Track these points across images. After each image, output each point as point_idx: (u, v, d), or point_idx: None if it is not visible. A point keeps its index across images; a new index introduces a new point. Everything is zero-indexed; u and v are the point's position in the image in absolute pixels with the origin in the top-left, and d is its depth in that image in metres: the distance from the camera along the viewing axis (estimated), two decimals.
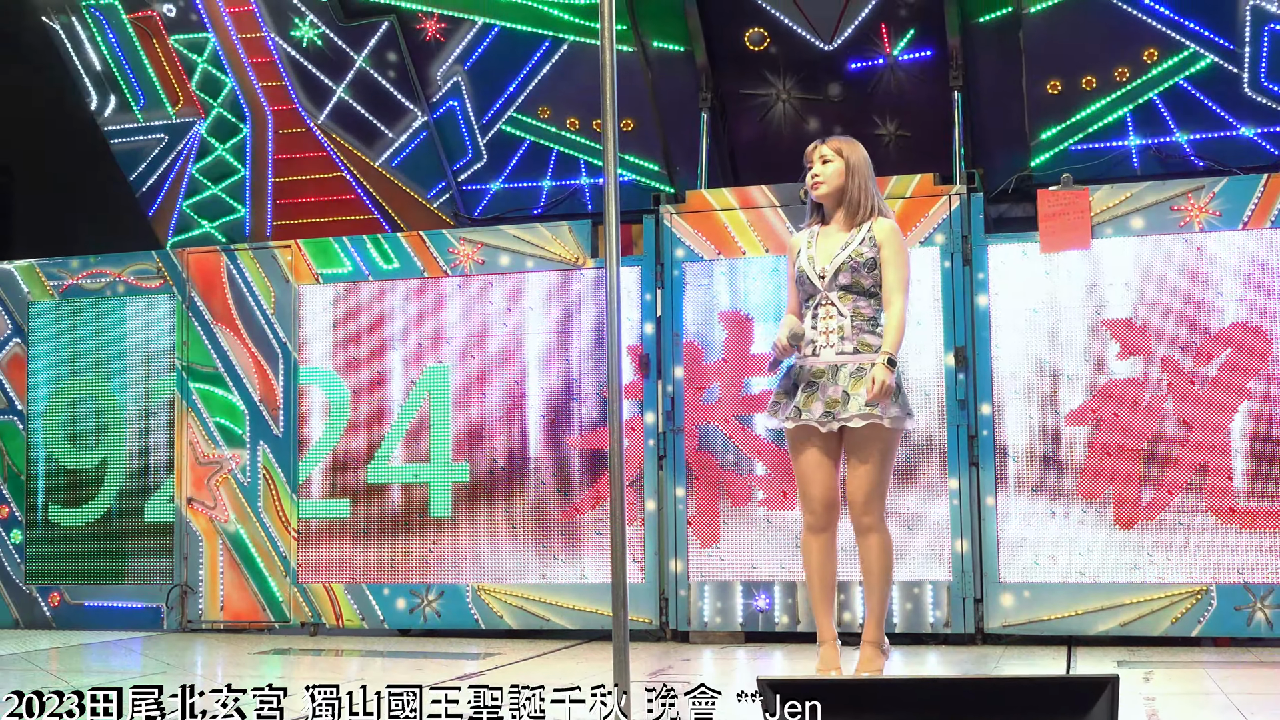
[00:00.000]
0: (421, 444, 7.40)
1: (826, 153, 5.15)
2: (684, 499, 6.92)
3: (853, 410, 4.93)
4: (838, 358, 5.01)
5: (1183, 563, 6.39)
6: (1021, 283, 6.66)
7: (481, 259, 7.39)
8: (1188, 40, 7.45)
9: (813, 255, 5.13)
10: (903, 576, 6.61)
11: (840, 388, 4.97)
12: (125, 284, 7.97)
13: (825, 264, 5.09)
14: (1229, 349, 6.39)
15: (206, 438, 7.72)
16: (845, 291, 5.06)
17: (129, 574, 7.84)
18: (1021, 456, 6.59)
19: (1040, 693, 2.95)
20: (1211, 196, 6.48)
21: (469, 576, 7.27)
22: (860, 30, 7.76)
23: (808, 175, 5.19)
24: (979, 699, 2.93)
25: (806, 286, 5.12)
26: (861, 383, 4.95)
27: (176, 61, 8.91)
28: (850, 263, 5.05)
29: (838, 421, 4.97)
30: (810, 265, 5.11)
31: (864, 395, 4.93)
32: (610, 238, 4.17)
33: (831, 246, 5.12)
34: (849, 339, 5.01)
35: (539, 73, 8.33)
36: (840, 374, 4.99)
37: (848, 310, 5.04)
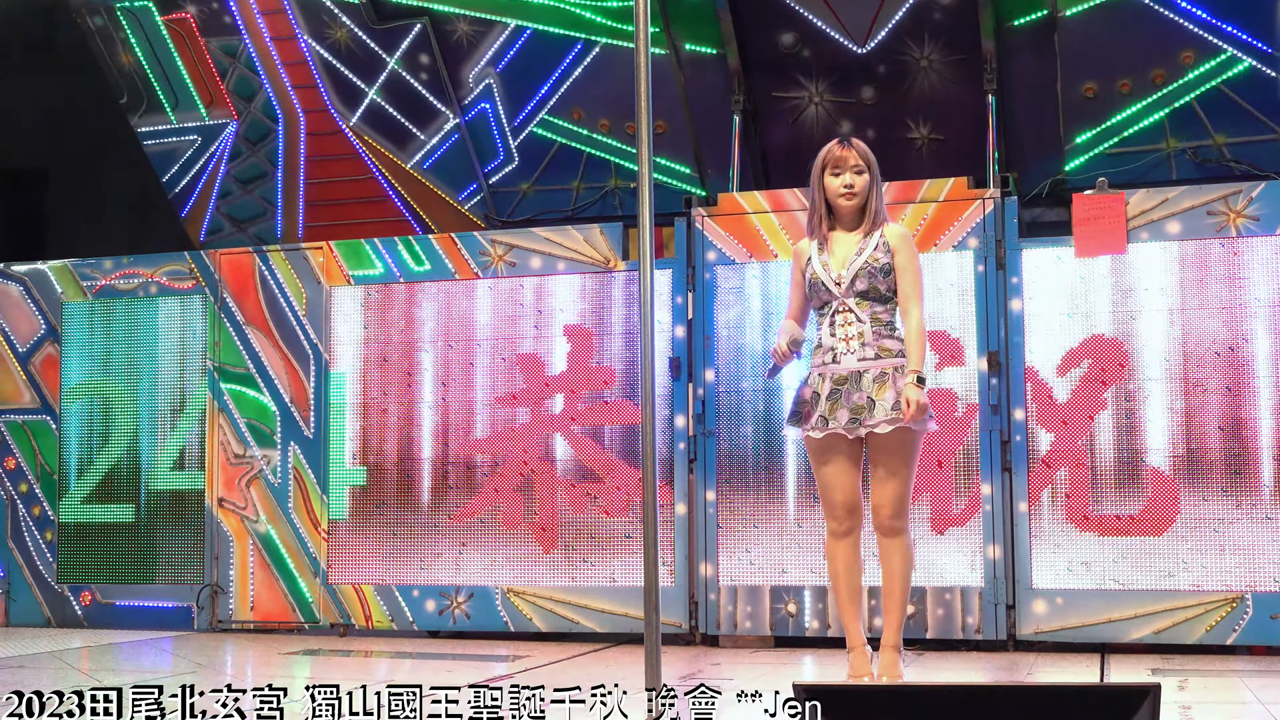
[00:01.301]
0: (452, 442, 7.40)
1: (858, 162, 5.07)
2: (714, 502, 6.90)
3: (879, 416, 4.90)
4: (860, 364, 4.97)
5: (1218, 570, 6.33)
6: (1056, 287, 6.61)
7: (513, 260, 7.39)
8: (1225, 43, 7.39)
9: (825, 262, 5.05)
10: (934, 582, 6.58)
11: (865, 394, 4.94)
12: (158, 285, 8.00)
13: (841, 270, 5.03)
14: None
15: (238, 438, 7.74)
16: (862, 298, 5.01)
17: (160, 573, 7.87)
18: (1055, 462, 6.54)
19: (1081, 700, 2.92)
20: (1249, 201, 6.43)
21: (499, 579, 7.26)
22: (893, 33, 7.72)
23: (836, 181, 5.08)
24: (1019, 706, 2.90)
25: (821, 294, 5.07)
26: (885, 388, 4.92)
27: (210, 63, 8.95)
28: (867, 268, 5.00)
29: (864, 428, 4.93)
30: (825, 272, 5.04)
31: (889, 401, 4.90)
32: (644, 241, 4.15)
33: (845, 252, 5.06)
34: (870, 345, 4.97)
35: (571, 75, 8.33)
36: (864, 380, 4.95)
37: (866, 316, 5.00)
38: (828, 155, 5.10)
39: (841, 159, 5.07)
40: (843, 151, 5.07)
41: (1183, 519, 6.39)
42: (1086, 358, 6.55)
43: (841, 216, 5.10)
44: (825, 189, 5.09)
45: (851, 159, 5.06)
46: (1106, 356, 6.53)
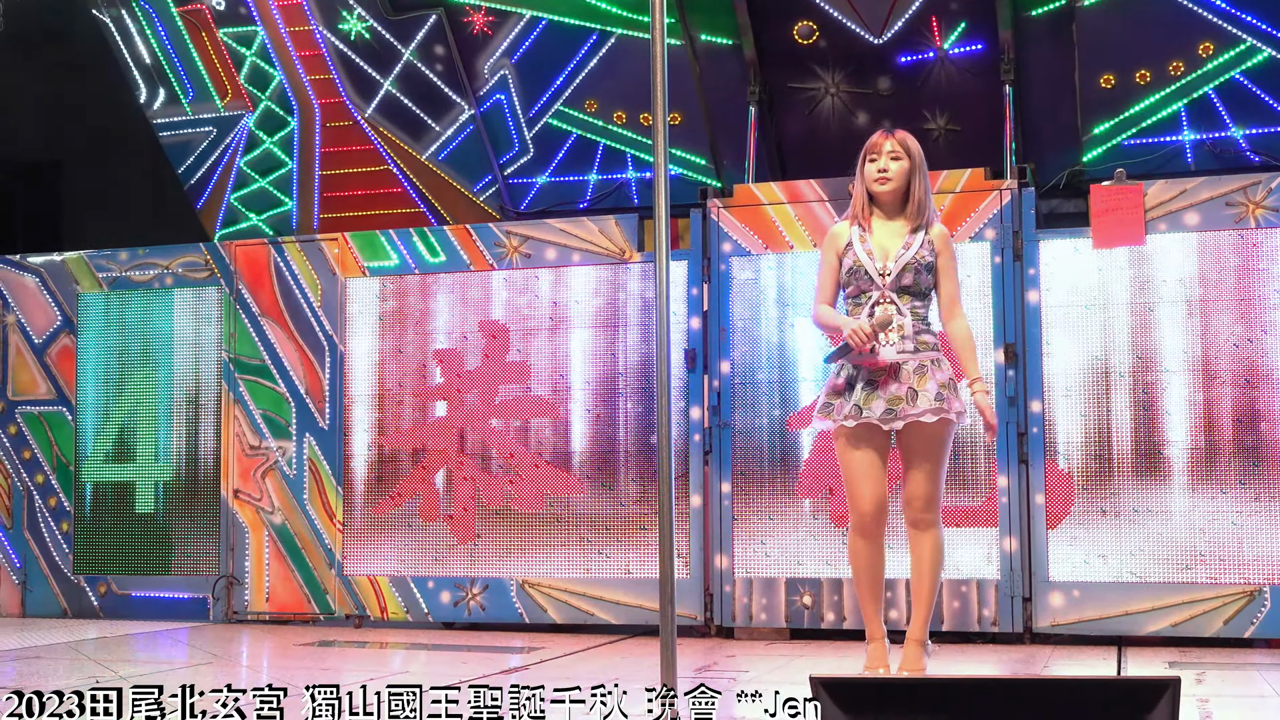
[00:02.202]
0: (468, 435, 7.40)
1: (895, 148, 5.05)
2: (729, 494, 6.89)
3: (922, 406, 4.88)
4: (899, 356, 4.94)
5: (1236, 563, 6.30)
6: (1073, 279, 6.58)
7: (528, 252, 7.37)
8: (1244, 34, 7.35)
9: (870, 250, 5.02)
10: (950, 574, 6.56)
11: (906, 385, 4.91)
12: (173, 276, 8.01)
13: (889, 262, 5.00)
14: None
15: (253, 429, 7.75)
16: (904, 291, 5.00)
17: (175, 565, 7.88)
18: (1072, 454, 6.52)
19: (1101, 694, 2.90)
20: (1268, 192, 6.39)
21: (514, 570, 7.26)
22: (910, 23, 7.69)
23: (871, 167, 5.07)
24: (1037, 699, 2.88)
25: (861, 282, 5.03)
26: (926, 379, 4.91)
27: (225, 54, 8.95)
28: (914, 264, 4.99)
29: (902, 420, 4.90)
30: (869, 260, 5.01)
31: (931, 391, 4.89)
32: (660, 232, 4.14)
33: (891, 245, 5.03)
34: (909, 338, 4.95)
35: (586, 66, 8.31)
36: (902, 372, 4.93)
37: (906, 309, 4.98)
38: (868, 144, 5.13)
39: (877, 145, 5.09)
40: (882, 139, 5.09)
41: (1200, 511, 6.36)
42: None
43: (881, 204, 5.09)
44: (864, 177, 5.09)
45: (887, 145, 5.06)
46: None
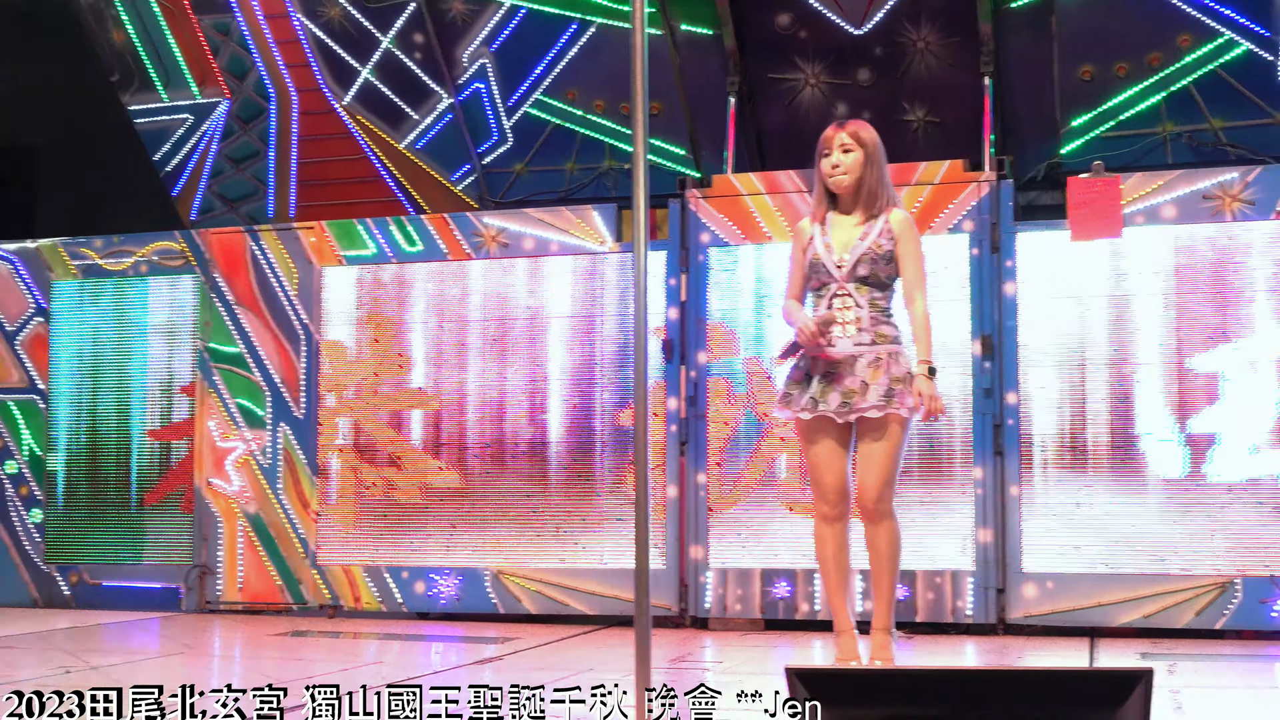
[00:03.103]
0: (444, 424, 7.38)
1: (846, 140, 5.01)
2: (705, 485, 6.88)
3: (871, 400, 4.86)
4: (855, 348, 4.91)
5: (1208, 554, 6.33)
6: (1050, 271, 6.59)
7: (505, 242, 7.35)
8: (1222, 27, 7.36)
9: (828, 244, 5.00)
10: (925, 565, 6.57)
11: (859, 378, 4.89)
12: (148, 264, 7.96)
13: (844, 254, 4.97)
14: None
15: (227, 419, 7.71)
16: (862, 283, 4.96)
17: (148, 554, 7.84)
18: (1047, 446, 6.53)
19: (1074, 685, 2.90)
20: (1245, 185, 6.41)
21: (488, 561, 7.24)
22: (890, 15, 7.68)
23: (825, 162, 5.04)
24: (1011, 690, 2.88)
25: (820, 275, 5.00)
26: (879, 372, 4.88)
27: (202, 41, 8.89)
28: (870, 254, 4.95)
29: (855, 412, 4.90)
30: (827, 254, 4.99)
31: (882, 386, 4.87)
32: (639, 223, 4.12)
33: (848, 236, 5.00)
34: (866, 330, 4.93)
35: (566, 55, 8.28)
36: (858, 364, 4.91)
37: (865, 301, 4.95)
38: (821, 138, 5.07)
39: (828, 139, 5.03)
40: (833, 132, 5.04)
41: (1174, 503, 6.38)
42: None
43: (839, 199, 5.05)
44: (819, 171, 5.07)
45: (838, 139, 5.01)
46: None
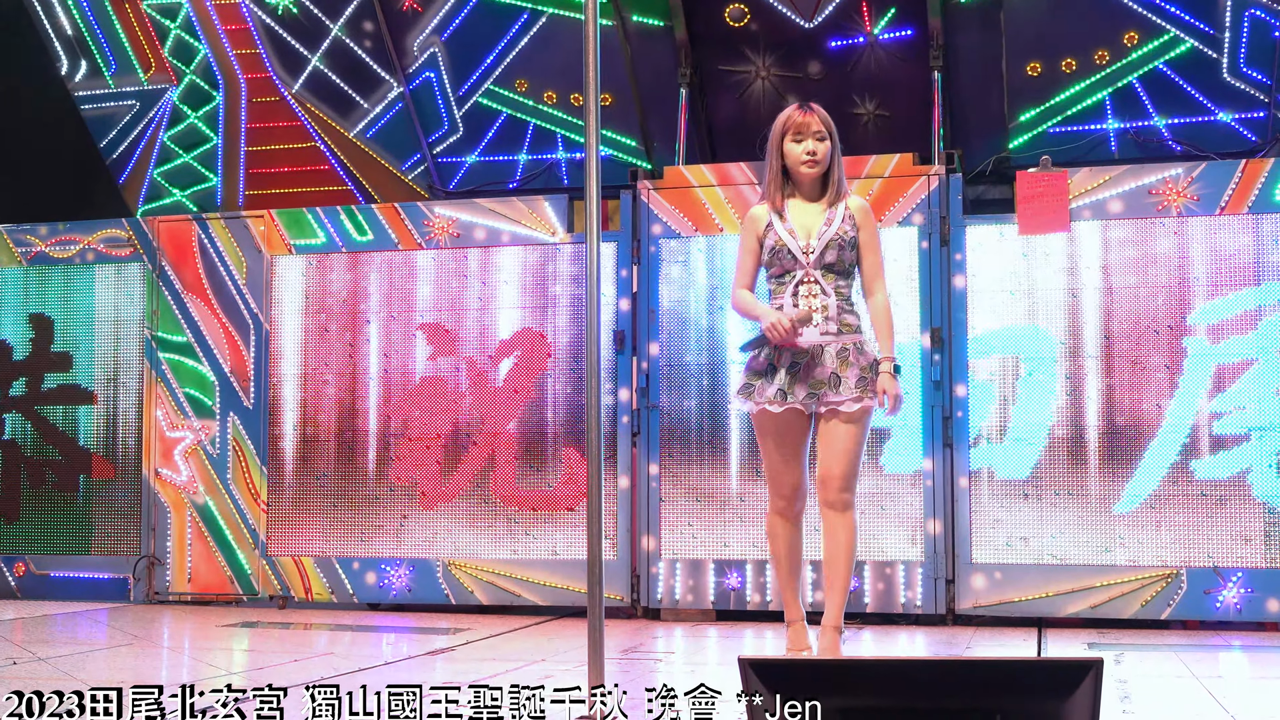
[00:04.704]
0: (394, 415, 7.35)
1: (819, 128, 4.90)
2: (657, 476, 6.90)
3: (845, 394, 4.79)
4: (822, 338, 4.83)
5: (1154, 546, 6.41)
6: (999, 264, 6.65)
7: (457, 232, 7.33)
8: (1168, 24, 7.45)
9: (792, 229, 4.89)
10: (876, 557, 6.62)
11: (828, 369, 4.81)
12: (95, 252, 7.88)
13: (811, 240, 4.88)
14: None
15: (176, 409, 7.65)
16: (828, 270, 4.88)
17: (96, 545, 7.77)
18: (995, 438, 6.60)
19: (1024, 674, 2.94)
20: (1190, 181, 6.49)
21: (440, 551, 7.23)
22: (841, 8, 7.72)
23: (798, 148, 4.90)
24: (962, 680, 2.91)
25: (784, 262, 4.89)
26: (848, 364, 4.82)
27: (149, 27, 8.79)
28: (838, 240, 4.87)
29: (826, 405, 4.81)
30: (791, 240, 4.88)
31: (853, 378, 4.80)
32: (590, 214, 4.13)
33: (811, 222, 4.90)
34: (833, 319, 4.83)
35: (517, 45, 8.25)
36: (825, 355, 4.83)
37: (831, 289, 4.87)
38: (789, 120, 4.93)
39: (804, 125, 4.91)
40: (805, 117, 4.91)
41: (1120, 495, 6.46)
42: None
43: (802, 184, 4.96)
44: (785, 155, 4.94)
45: (814, 125, 4.90)
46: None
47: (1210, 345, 6.42)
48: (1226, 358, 6.41)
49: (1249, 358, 6.39)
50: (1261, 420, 6.34)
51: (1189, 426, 6.41)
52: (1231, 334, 6.41)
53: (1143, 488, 6.44)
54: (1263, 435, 6.33)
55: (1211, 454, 6.38)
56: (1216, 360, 6.42)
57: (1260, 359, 6.37)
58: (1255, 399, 6.36)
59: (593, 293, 4.15)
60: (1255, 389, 6.37)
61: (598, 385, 4.13)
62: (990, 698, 2.88)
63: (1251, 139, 7.48)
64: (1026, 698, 2.86)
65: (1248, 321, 6.40)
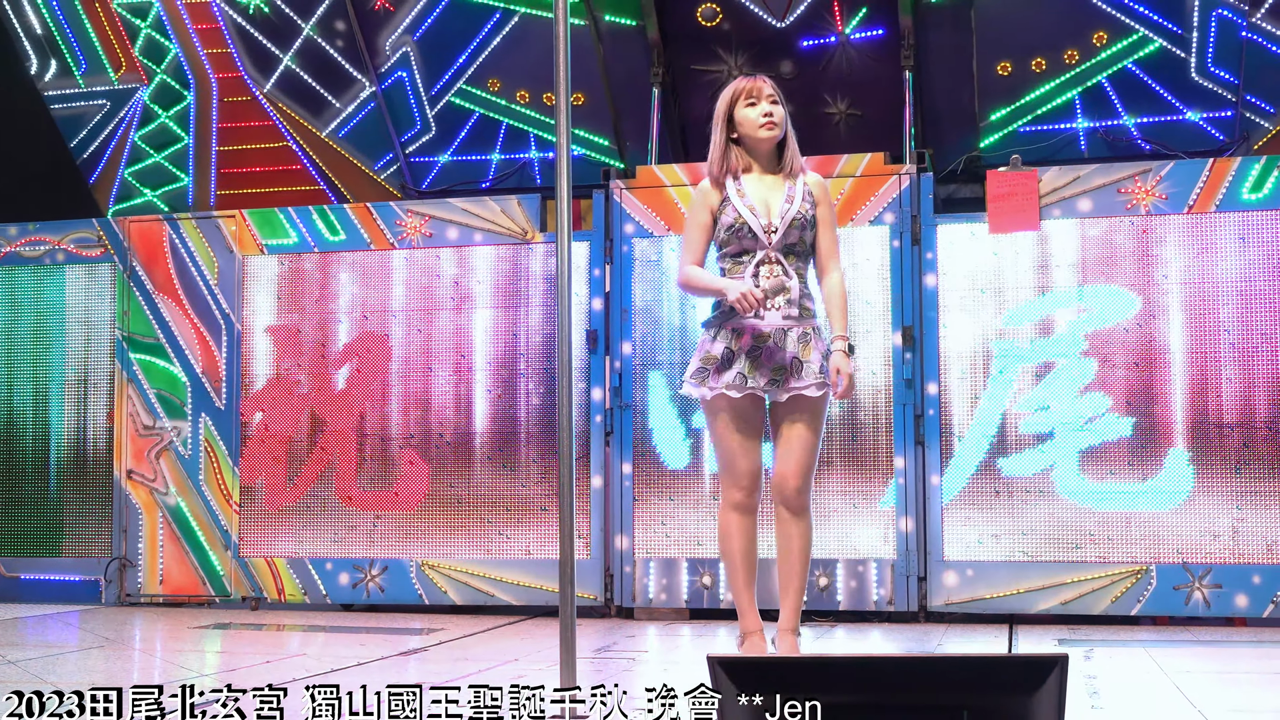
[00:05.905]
0: (368, 415, 7.34)
1: (772, 92, 4.71)
2: (630, 475, 6.91)
3: (808, 379, 4.59)
4: (784, 322, 4.62)
5: (1123, 542, 6.45)
6: (970, 263, 6.69)
7: (429, 232, 7.33)
8: (1137, 24, 7.49)
9: (752, 206, 4.64)
10: (848, 555, 6.65)
11: (789, 353, 4.61)
12: (65, 252, 7.84)
13: (773, 219, 4.65)
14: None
15: (147, 409, 7.62)
16: (789, 251, 4.66)
17: (67, 547, 7.73)
18: (967, 436, 6.63)
19: (990, 671, 2.96)
20: (1159, 180, 6.54)
21: (413, 552, 7.22)
22: (812, 8, 7.74)
23: (752, 111, 4.68)
24: (930, 676, 2.93)
25: (744, 241, 4.64)
26: (810, 349, 4.62)
27: (119, 26, 8.76)
28: (800, 220, 4.66)
29: (788, 391, 4.61)
30: (753, 218, 4.63)
31: (815, 364, 4.61)
32: (562, 214, 4.13)
33: (772, 199, 4.67)
34: (795, 302, 4.63)
35: (489, 45, 8.25)
36: (787, 339, 4.62)
37: (793, 271, 4.65)
38: (738, 88, 4.73)
39: (756, 89, 4.70)
40: (756, 82, 4.73)
41: (1089, 492, 6.50)
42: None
43: (759, 153, 4.73)
44: (741, 123, 4.71)
45: (766, 89, 4.72)
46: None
47: (1179, 344, 6.46)
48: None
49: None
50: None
51: (1157, 422, 6.44)
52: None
53: (1111, 485, 6.47)
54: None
55: (1182, 450, 6.42)
56: (1182, 359, 6.46)
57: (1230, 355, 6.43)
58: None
59: (564, 292, 4.16)
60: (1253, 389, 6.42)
61: (570, 384, 4.14)
62: (958, 694, 2.90)
63: (1219, 138, 7.53)
64: (993, 694, 2.88)
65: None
